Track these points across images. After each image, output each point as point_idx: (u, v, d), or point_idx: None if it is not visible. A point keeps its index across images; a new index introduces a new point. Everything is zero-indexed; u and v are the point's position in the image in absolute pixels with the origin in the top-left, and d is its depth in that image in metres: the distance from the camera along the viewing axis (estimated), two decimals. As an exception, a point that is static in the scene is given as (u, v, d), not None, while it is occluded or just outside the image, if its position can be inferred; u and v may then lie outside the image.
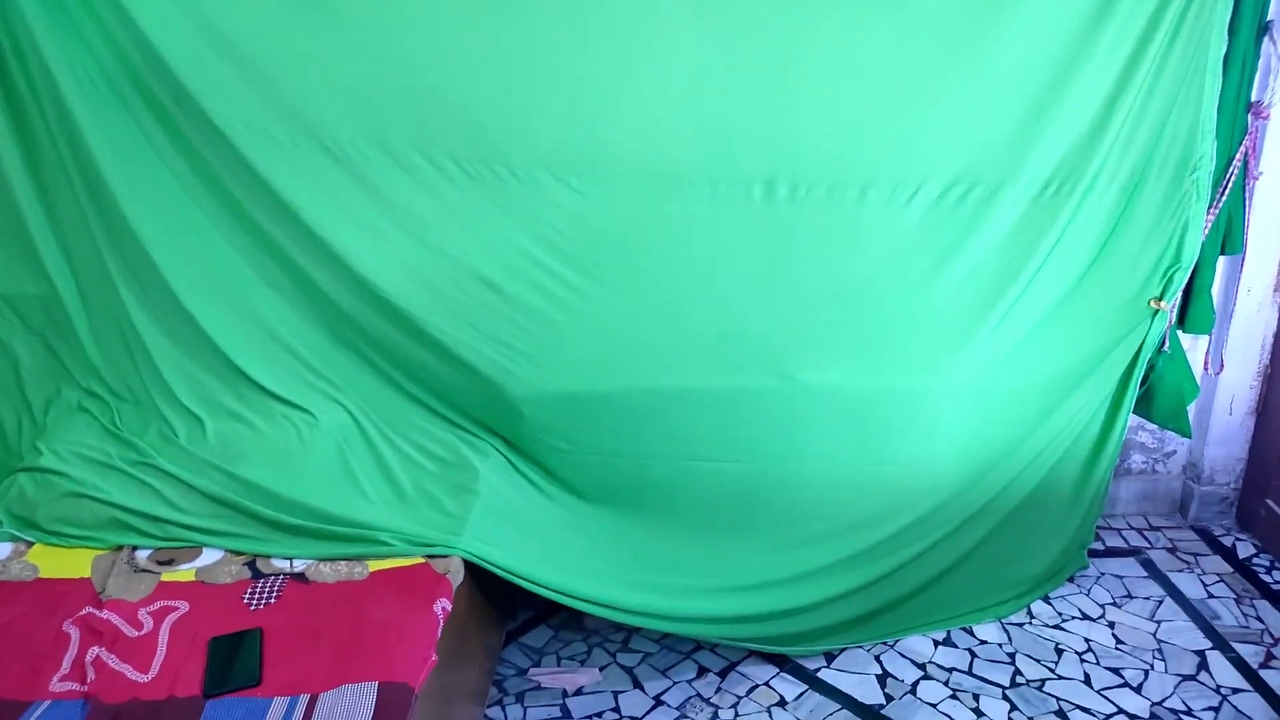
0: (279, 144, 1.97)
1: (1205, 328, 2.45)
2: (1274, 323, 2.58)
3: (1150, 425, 2.71)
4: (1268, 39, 2.22)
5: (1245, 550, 2.67)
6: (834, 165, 2.05)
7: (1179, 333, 2.44)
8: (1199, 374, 2.55)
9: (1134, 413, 2.43)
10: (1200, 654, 2.27)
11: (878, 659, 2.26)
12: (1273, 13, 2.20)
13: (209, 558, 1.90)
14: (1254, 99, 2.26)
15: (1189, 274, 2.29)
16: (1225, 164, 2.26)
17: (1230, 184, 2.28)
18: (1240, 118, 2.25)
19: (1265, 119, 2.28)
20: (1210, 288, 2.41)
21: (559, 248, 2.06)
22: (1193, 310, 2.41)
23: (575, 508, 2.22)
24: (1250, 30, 2.16)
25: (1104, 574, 2.56)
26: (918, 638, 2.32)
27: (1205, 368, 2.60)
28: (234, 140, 1.95)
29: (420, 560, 1.88)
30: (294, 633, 1.68)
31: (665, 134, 2.03)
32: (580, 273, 2.07)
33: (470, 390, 2.15)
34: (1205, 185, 2.20)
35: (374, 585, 1.82)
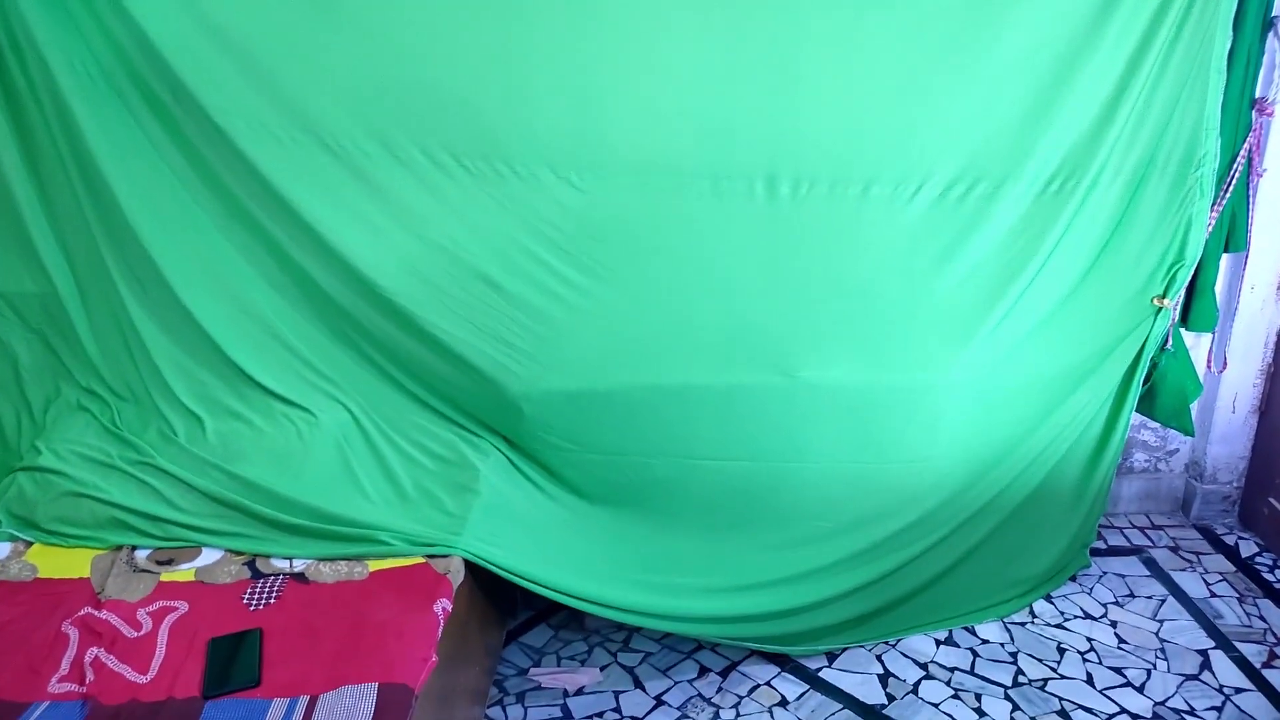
0: (278, 140, 1.96)
1: (1208, 325, 2.44)
2: (1277, 320, 2.57)
3: (1153, 423, 2.71)
4: (1272, 35, 2.20)
5: (1248, 549, 2.66)
6: (836, 161, 2.04)
7: (1182, 330, 2.43)
8: (1202, 372, 2.54)
9: (1137, 411, 2.42)
10: (1203, 653, 2.27)
11: (879, 658, 2.26)
12: (1278, 8, 2.19)
13: (208, 558, 1.90)
14: (1258, 95, 2.25)
15: (1192, 271, 2.28)
16: (1229, 161, 2.25)
17: (1234, 181, 2.27)
18: (1244, 114, 2.24)
19: (1269, 115, 2.26)
20: (1213, 285, 2.40)
21: (559, 244, 2.05)
22: (1196, 308, 2.40)
23: (576, 507, 2.21)
24: (1255, 26, 2.15)
25: (1106, 573, 2.55)
26: (919, 637, 2.31)
27: (1208, 366, 2.59)
28: (232, 136, 1.95)
29: (420, 560, 1.87)
30: (293, 633, 1.68)
31: (667, 130, 2.02)
32: (581, 270, 2.07)
33: (470, 388, 2.15)
34: (1209, 182, 2.19)
35: (374, 585, 1.81)
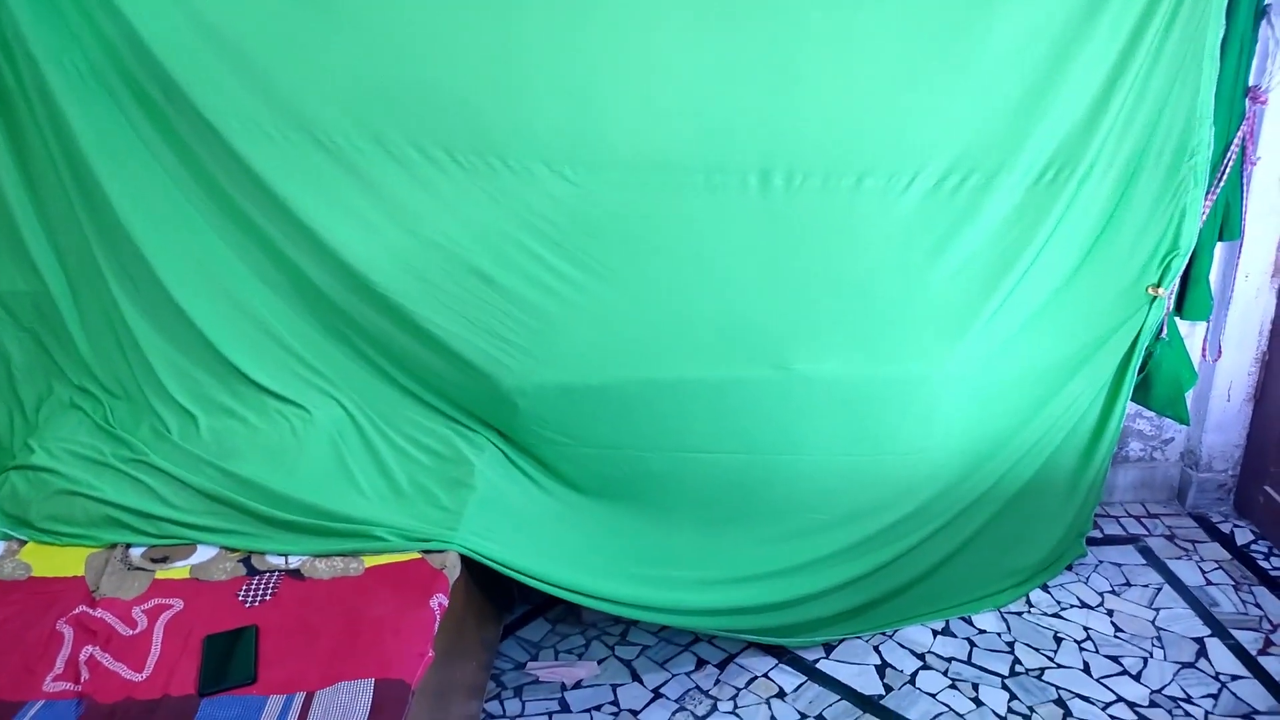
0: (270, 137, 1.95)
1: (1203, 314, 2.44)
2: (1272, 309, 2.57)
3: (1148, 413, 2.71)
4: (1265, 23, 2.20)
5: (1243, 537, 2.67)
6: (830, 154, 2.04)
7: (1177, 319, 2.43)
8: (1197, 361, 2.54)
9: (1132, 400, 2.42)
10: (1199, 641, 2.27)
11: (877, 649, 2.26)
12: (1270, -4, 2.19)
13: (203, 555, 1.90)
14: (1252, 84, 2.25)
15: (1186, 260, 2.28)
16: (1223, 149, 2.25)
17: (1228, 170, 2.27)
18: (1238, 103, 2.24)
19: (1263, 104, 2.26)
20: (1208, 274, 2.40)
21: (553, 239, 2.04)
22: (1190, 297, 2.40)
23: (571, 501, 2.21)
24: (1248, 14, 2.15)
25: (1102, 562, 2.56)
26: (916, 628, 2.32)
27: (1203, 354, 2.59)
28: (224, 133, 1.94)
29: (416, 555, 1.87)
30: (289, 630, 1.67)
31: (660, 124, 2.01)
32: (574, 264, 2.06)
33: (465, 383, 2.14)
34: (1203, 171, 2.19)
35: (370, 581, 1.81)
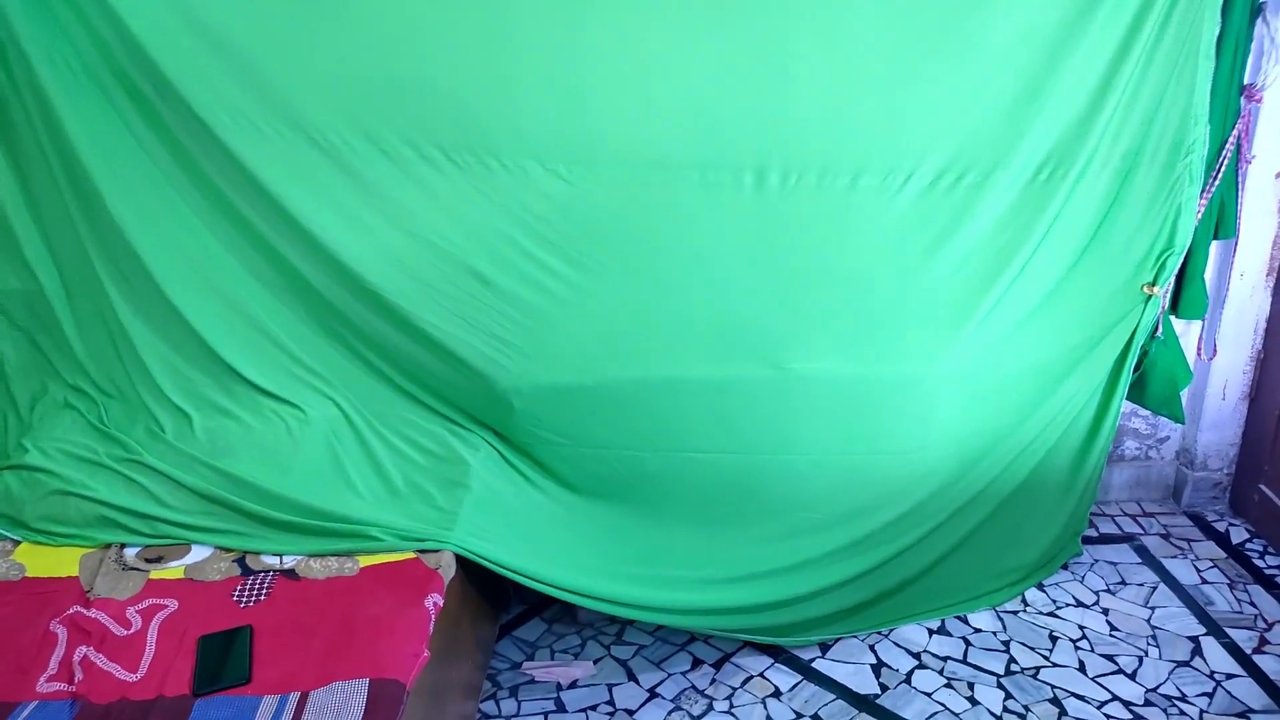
0: (263, 135, 1.95)
1: (1198, 313, 2.44)
2: (1267, 307, 2.58)
3: (1143, 411, 2.71)
4: (1261, 21, 2.20)
5: (1238, 535, 2.67)
6: (825, 152, 2.03)
7: (1172, 318, 2.43)
8: (1192, 359, 2.55)
9: (1127, 399, 2.42)
10: (1194, 640, 2.28)
11: (872, 649, 2.26)
12: (1265, -6, 2.19)
13: (198, 555, 1.89)
14: (1247, 82, 2.25)
15: (1182, 259, 2.28)
16: (1218, 148, 2.25)
17: (1223, 168, 2.27)
18: (1233, 101, 2.24)
19: (1258, 102, 2.27)
20: (1203, 273, 2.40)
21: (548, 238, 2.04)
22: (1186, 295, 2.40)
23: (567, 500, 2.21)
24: (1243, 12, 2.15)
25: (1098, 561, 2.56)
26: (912, 627, 2.32)
27: (1198, 353, 2.60)
28: (218, 131, 1.93)
29: (411, 555, 1.86)
30: (284, 630, 1.67)
31: (655, 122, 2.00)
32: (570, 263, 2.06)
33: (460, 383, 2.14)
34: (1198, 169, 2.19)
35: (365, 581, 1.81)
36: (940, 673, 2.18)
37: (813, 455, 2.19)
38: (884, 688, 2.14)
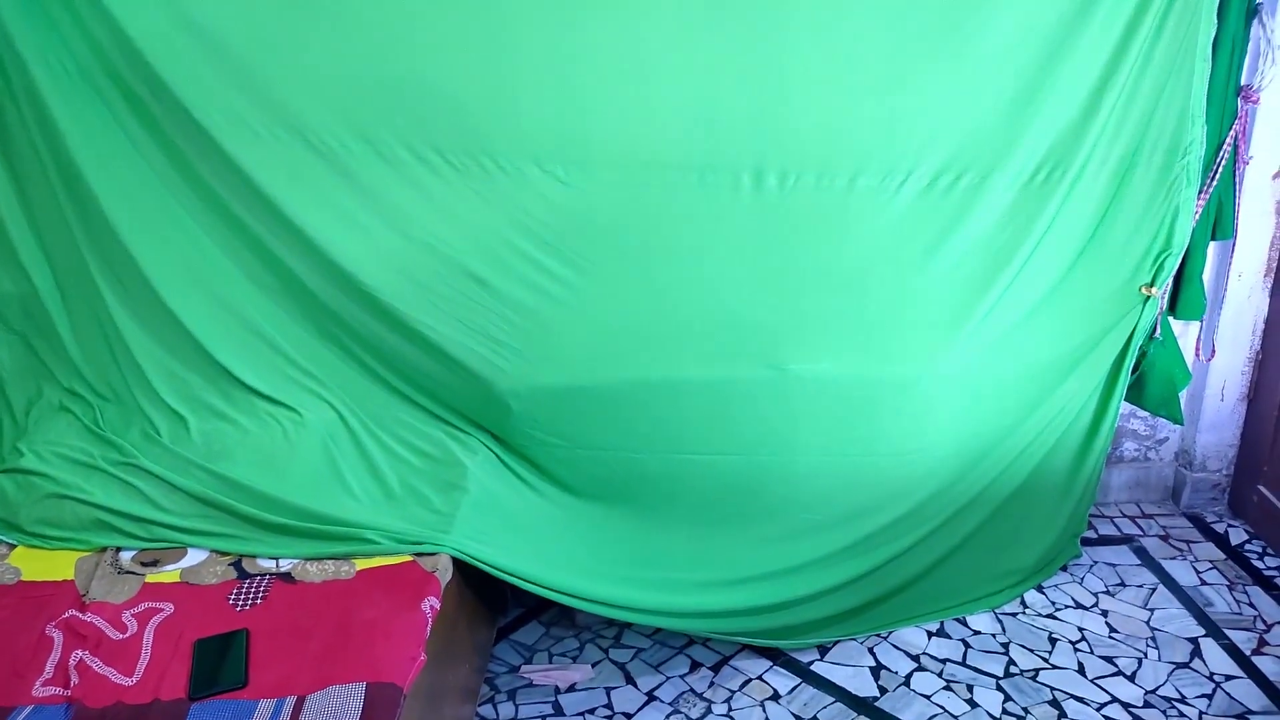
0: (259, 137, 1.94)
1: (1196, 314, 2.44)
2: (1265, 308, 2.58)
3: (1142, 412, 2.71)
4: (1257, 22, 2.20)
5: (1238, 536, 2.67)
6: (822, 153, 2.03)
7: (1170, 319, 2.43)
8: (1190, 360, 2.54)
9: (1126, 400, 2.42)
10: (1193, 641, 2.27)
11: (871, 651, 2.25)
12: (1261, -5, 2.19)
13: (194, 558, 1.88)
14: (1243, 83, 2.25)
15: (1180, 260, 2.28)
16: (1215, 149, 2.25)
17: (1220, 169, 2.27)
18: (1230, 102, 2.24)
19: (1255, 103, 2.26)
20: (1201, 273, 2.40)
21: (546, 240, 2.04)
22: (1184, 296, 2.40)
23: (565, 503, 2.20)
24: (1239, 13, 2.15)
25: (1097, 562, 2.56)
26: (911, 629, 2.31)
27: (1197, 354, 2.59)
28: (213, 133, 1.92)
29: (408, 558, 1.86)
30: (280, 633, 1.66)
31: (652, 124, 2.00)
32: (568, 265, 2.05)
33: (458, 385, 2.13)
34: (1195, 170, 2.19)
35: (361, 584, 1.80)
36: (939, 675, 2.18)
37: (811, 456, 2.19)
38: (883, 690, 2.14)
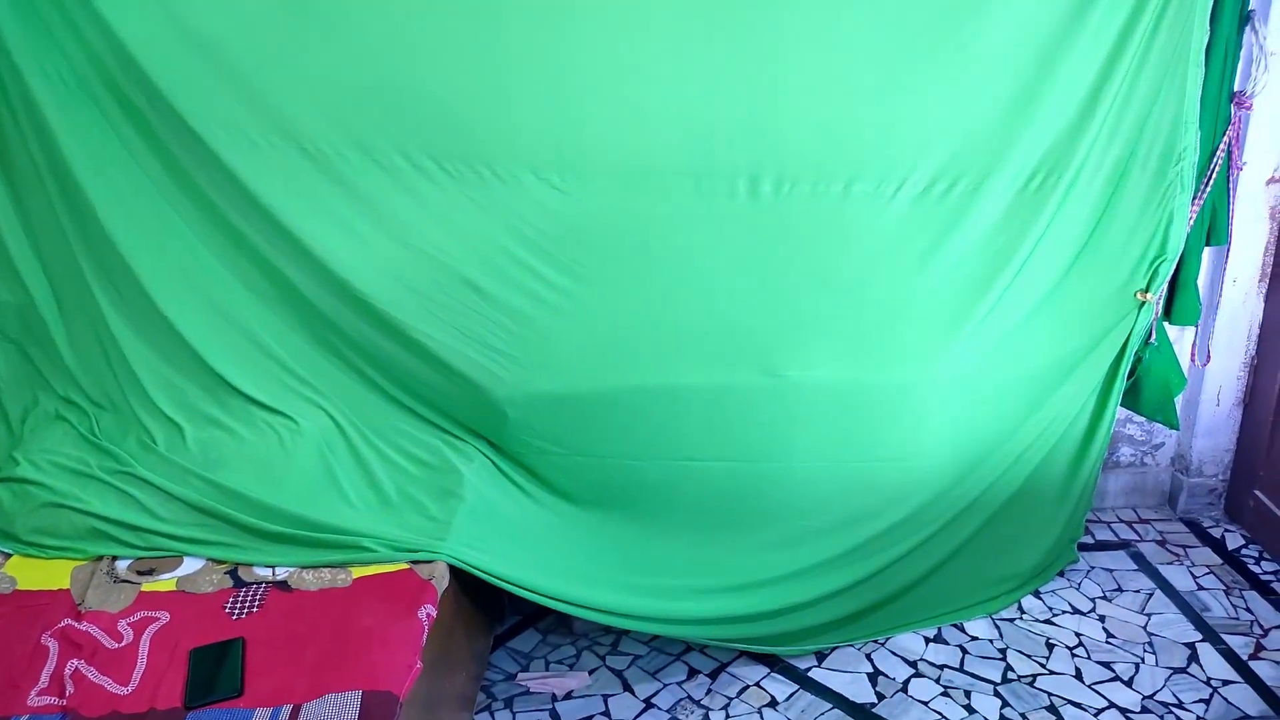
0: (255, 146, 1.95)
1: (1192, 319, 2.45)
2: (1260, 313, 2.58)
3: (1138, 418, 2.71)
4: (1250, 28, 2.21)
5: (1234, 541, 2.67)
6: (818, 160, 2.04)
7: (1165, 324, 2.43)
8: (1186, 365, 2.55)
9: (1121, 405, 2.42)
10: (1190, 646, 2.27)
11: (869, 657, 2.25)
12: (1254, 2, 2.20)
13: (190, 567, 1.88)
14: (1237, 89, 2.26)
15: (1174, 266, 2.28)
16: (1209, 155, 2.26)
17: (1214, 175, 2.27)
18: (1223, 108, 2.24)
19: (1248, 109, 2.27)
20: (1196, 279, 2.41)
21: (542, 247, 2.04)
22: (1179, 302, 2.41)
23: (562, 510, 2.20)
24: (1232, 20, 2.16)
25: (1094, 568, 2.56)
26: (908, 635, 2.31)
27: (1192, 359, 2.60)
28: (210, 142, 1.93)
29: (404, 566, 1.86)
30: (277, 642, 1.66)
31: (648, 130, 2.01)
32: (564, 272, 2.06)
33: (454, 393, 2.13)
34: (1189, 176, 2.20)
35: (358, 592, 1.80)
36: (937, 681, 2.18)
37: (808, 462, 2.19)
38: (880, 696, 2.13)
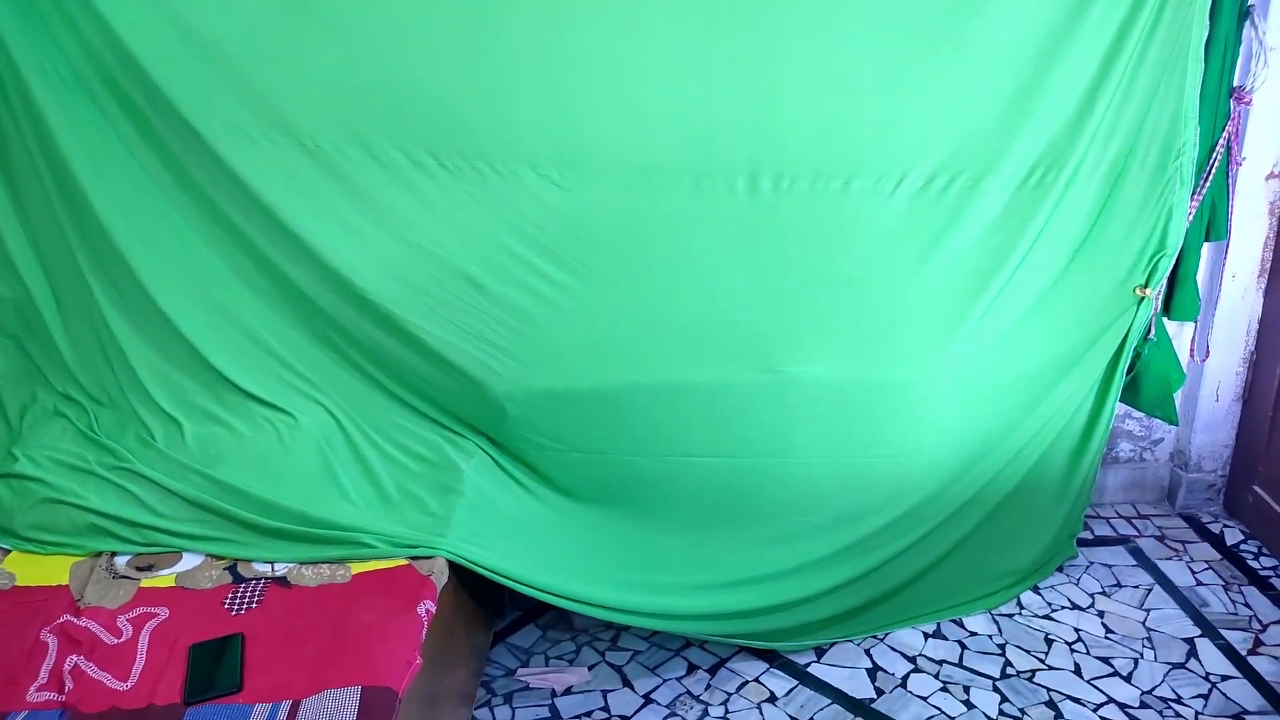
0: (255, 142, 1.94)
1: (1191, 315, 2.45)
2: (1259, 309, 2.58)
3: (1137, 413, 2.71)
4: (1249, 24, 2.21)
5: (1233, 537, 2.67)
6: (817, 156, 2.04)
7: (1164, 320, 2.43)
8: (1185, 361, 2.55)
9: (1121, 401, 2.43)
10: (1189, 641, 2.27)
11: (868, 652, 2.25)
12: (1253, -3, 2.20)
13: (189, 563, 1.88)
14: (1236, 84, 2.26)
15: (1174, 261, 2.28)
16: (1208, 150, 2.26)
17: (1213, 170, 2.27)
18: (1223, 104, 2.24)
19: (1247, 105, 2.27)
20: (1195, 275, 2.41)
21: (541, 243, 2.04)
22: (1178, 297, 2.41)
23: (561, 506, 2.20)
24: (1231, 15, 2.15)
25: (1093, 563, 2.56)
26: (908, 630, 2.31)
27: (1191, 355, 2.60)
28: (209, 138, 1.93)
29: (404, 562, 1.85)
30: (276, 637, 1.66)
31: (647, 127, 2.00)
32: (563, 268, 2.05)
33: (453, 389, 2.13)
34: (1189, 172, 2.20)
35: (357, 588, 1.80)
36: (936, 676, 2.18)
37: (807, 459, 2.19)
38: (880, 692, 2.14)
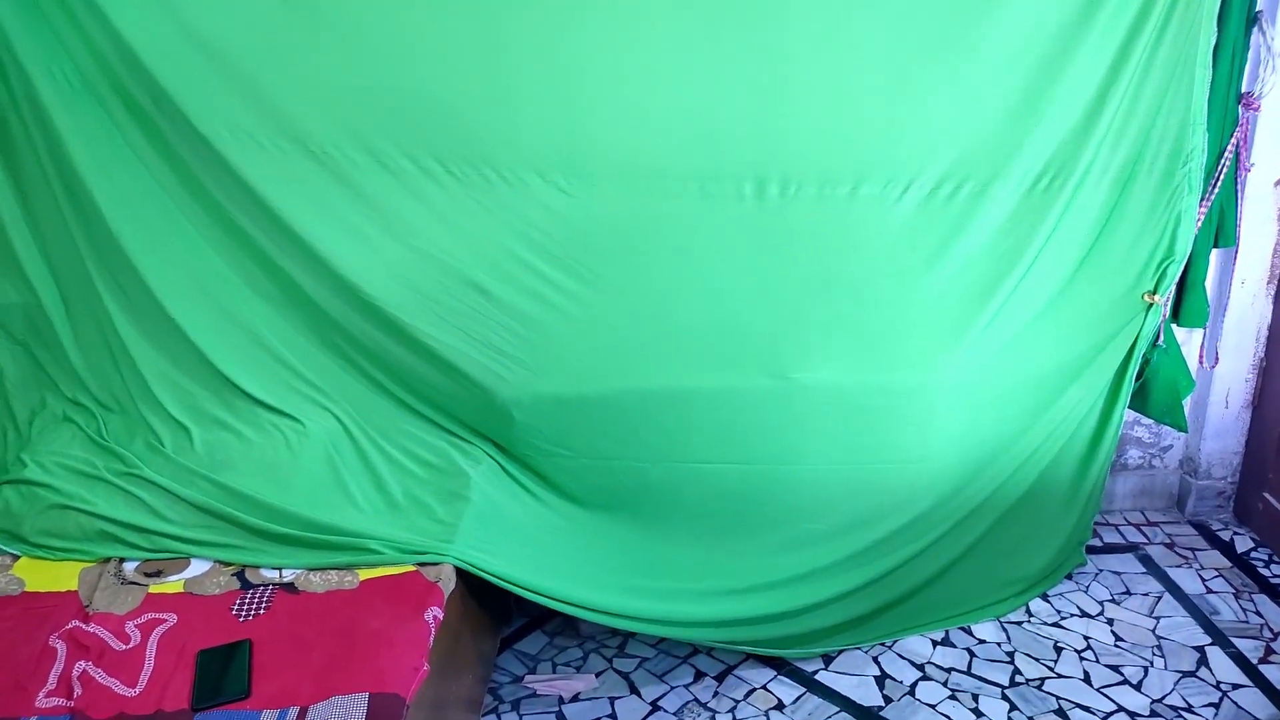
0: (262, 148, 1.95)
1: (1200, 321, 2.44)
2: (1268, 315, 2.57)
3: (1146, 420, 2.70)
4: (1257, 29, 2.21)
5: (1243, 544, 2.66)
6: (824, 162, 2.04)
7: (1173, 326, 2.42)
8: (1194, 367, 2.54)
9: (1130, 408, 2.42)
10: (1200, 650, 2.26)
11: (876, 660, 2.24)
12: (1261, 3, 2.20)
13: (197, 569, 1.88)
14: (1244, 90, 2.25)
15: (1182, 267, 2.28)
16: (1217, 156, 2.25)
17: (1222, 176, 2.27)
18: (1231, 109, 2.24)
19: (1256, 110, 2.27)
20: (1204, 281, 2.40)
21: (548, 249, 2.04)
22: (1187, 304, 2.40)
23: (568, 512, 2.20)
24: (1240, 21, 2.15)
25: (1102, 571, 2.55)
26: (916, 638, 2.30)
27: (1200, 361, 2.59)
28: (216, 144, 1.93)
29: (411, 568, 1.85)
30: (283, 644, 1.66)
31: (654, 133, 2.01)
32: (570, 274, 2.06)
33: (460, 395, 2.13)
34: (1197, 178, 2.19)
35: (364, 594, 1.80)
36: (944, 684, 2.17)
37: (815, 465, 2.19)
38: (888, 699, 2.13)
